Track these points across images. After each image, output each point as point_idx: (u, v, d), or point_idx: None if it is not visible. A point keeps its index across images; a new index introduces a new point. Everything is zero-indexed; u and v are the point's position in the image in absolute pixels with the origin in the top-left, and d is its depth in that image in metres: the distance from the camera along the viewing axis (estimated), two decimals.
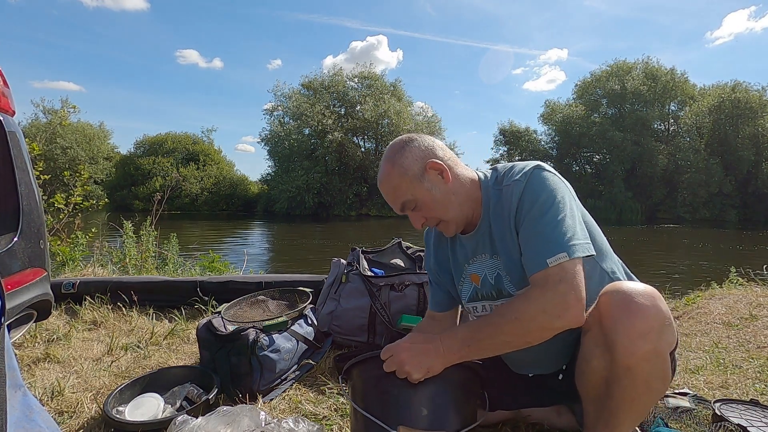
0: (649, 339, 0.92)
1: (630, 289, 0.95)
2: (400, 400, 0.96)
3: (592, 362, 1.02)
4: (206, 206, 31.12)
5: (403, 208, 1.10)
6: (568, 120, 32.76)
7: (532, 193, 1.00)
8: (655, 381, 0.96)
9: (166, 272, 3.88)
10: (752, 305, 2.70)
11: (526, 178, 1.02)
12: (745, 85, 30.22)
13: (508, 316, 0.94)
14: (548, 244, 0.95)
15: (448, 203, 1.08)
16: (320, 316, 2.04)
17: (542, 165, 1.05)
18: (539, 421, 1.35)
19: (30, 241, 1.68)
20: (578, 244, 0.95)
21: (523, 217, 1.01)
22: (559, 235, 0.95)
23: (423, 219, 1.10)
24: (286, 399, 1.56)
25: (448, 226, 1.12)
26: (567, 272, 0.93)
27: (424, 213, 1.09)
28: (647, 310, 0.92)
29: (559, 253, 0.94)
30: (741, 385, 1.68)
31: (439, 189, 1.07)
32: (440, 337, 0.98)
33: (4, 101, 1.64)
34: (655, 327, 0.92)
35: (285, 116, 31.32)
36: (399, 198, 1.08)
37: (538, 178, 1.01)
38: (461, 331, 0.99)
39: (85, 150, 31.89)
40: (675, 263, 10.94)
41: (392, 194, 1.09)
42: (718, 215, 28.68)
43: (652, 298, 0.94)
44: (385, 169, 1.09)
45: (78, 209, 4.23)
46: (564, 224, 0.96)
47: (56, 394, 1.53)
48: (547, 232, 0.96)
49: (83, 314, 2.43)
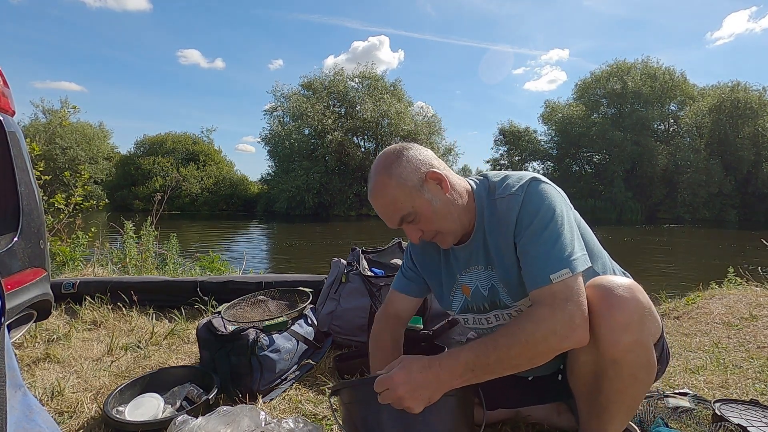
0: (631, 330, 0.93)
1: (610, 283, 0.97)
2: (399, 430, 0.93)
3: (580, 358, 1.03)
4: (206, 206, 31.13)
5: (401, 222, 1.04)
6: (568, 120, 32.75)
7: (531, 207, 0.99)
8: (640, 371, 0.98)
9: (166, 272, 3.88)
10: (752, 305, 2.70)
11: (523, 191, 1.01)
12: (745, 85, 30.19)
13: (518, 338, 0.91)
14: (550, 260, 0.95)
15: (447, 214, 1.04)
16: (320, 316, 2.04)
17: (538, 177, 1.03)
18: (539, 421, 1.35)
19: (30, 241, 1.68)
20: (578, 258, 0.96)
21: (522, 231, 0.99)
22: (561, 251, 0.95)
23: (420, 232, 1.05)
24: (286, 399, 1.56)
25: (446, 237, 1.08)
26: (572, 290, 0.93)
27: (422, 226, 1.05)
28: (627, 302, 0.94)
29: (562, 269, 0.93)
30: (741, 385, 1.68)
31: (439, 200, 1.03)
32: (439, 363, 0.92)
33: (4, 101, 1.64)
34: (636, 318, 0.94)
35: (285, 116, 31.35)
36: (398, 212, 1.02)
37: (535, 192, 1.00)
38: (463, 355, 0.92)
39: (85, 150, 31.90)
40: (675, 263, 10.95)
41: (390, 207, 1.02)
42: (718, 215, 28.67)
43: (630, 290, 0.95)
44: (379, 181, 1.03)
45: (78, 209, 4.23)
46: (564, 239, 0.97)
47: (56, 394, 1.53)
48: (548, 247, 0.96)
49: (83, 314, 2.43)
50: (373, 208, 1.06)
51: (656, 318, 1.01)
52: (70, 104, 31.64)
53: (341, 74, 32.01)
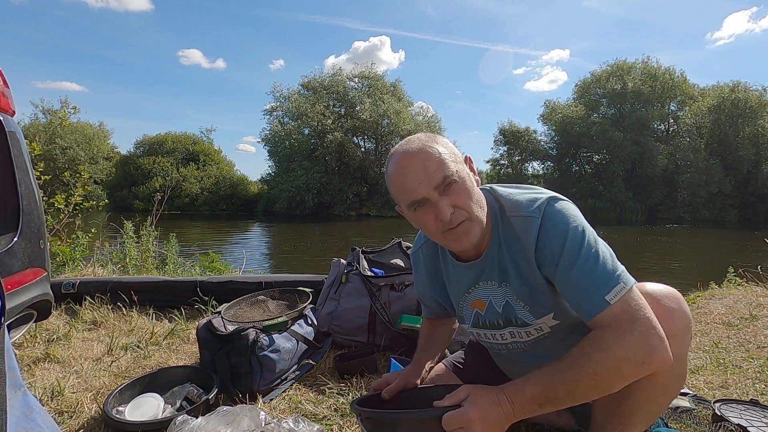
0: (676, 342, 0.90)
1: (655, 292, 0.93)
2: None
3: None
4: (206, 206, 31.09)
5: (442, 183, 0.91)
6: (568, 120, 32.71)
7: (557, 232, 0.92)
8: (673, 382, 0.96)
9: (166, 272, 3.88)
10: (752, 305, 2.70)
11: (540, 213, 0.95)
12: (745, 85, 30.19)
13: (586, 371, 0.84)
14: (599, 281, 0.88)
15: (480, 199, 0.97)
16: (320, 316, 2.04)
17: (556, 196, 0.98)
18: (539, 421, 1.35)
19: (30, 241, 1.68)
20: (623, 273, 0.89)
21: (555, 260, 0.92)
22: (605, 268, 0.89)
23: (452, 209, 0.92)
24: (286, 399, 1.56)
25: (473, 227, 0.95)
26: (636, 307, 0.86)
27: (457, 199, 0.93)
28: (675, 313, 0.91)
29: (615, 285, 0.87)
30: (741, 385, 1.68)
31: (474, 182, 0.97)
32: (507, 397, 0.87)
33: (4, 101, 1.64)
34: (681, 329, 0.92)
35: (285, 116, 31.32)
36: (442, 170, 0.91)
37: (555, 213, 0.94)
38: (529, 389, 0.87)
39: (85, 150, 31.87)
40: (675, 263, 10.95)
41: (436, 164, 0.91)
42: (718, 215, 28.66)
43: (678, 300, 0.93)
44: (426, 142, 0.95)
45: (78, 209, 4.23)
46: (604, 256, 0.90)
47: (56, 394, 1.53)
48: (591, 268, 0.89)
49: (83, 314, 2.43)
50: (406, 171, 0.93)
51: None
52: (71, 104, 31.59)
53: (340, 74, 32.01)
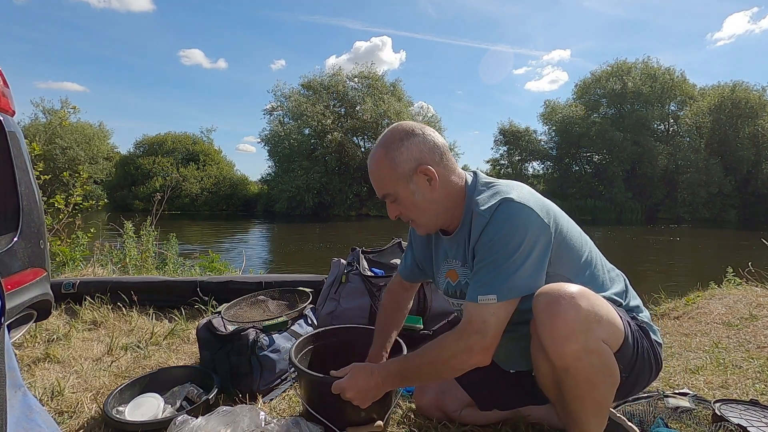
0: (575, 338, 0.94)
1: (554, 292, 0.97)
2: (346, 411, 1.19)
3: (540, 368, 1.05)
4: (206, 206, 31.06)
5: (383, 197, 1.13)
6: (568, 120, 32.68)
7: (491, 229, 1.02)
8: (596, 376, 0.98)
9: (166, 272, 3.88)
10: (752, 305, 2.70)
11: (490, 215, 1.03)
12: (745, 85, 30.14)
13: (428, 358, 1.08)
14: (485, 281, 1.01)
15: (426, 210, 1.12)
16: (320, 316, 2.04)
17: (511, 198, 1.03)
18: (539, 421, 1.35)
19: (30, 241, 1.68)
20: (515, 287, 1.00)
21: (479, 249, 1.05)
22: (500, 278, 0.99)
23: (398, 212, 1.14)
24: (286, 399, 1.56)
25: (418, 228, 1.17)
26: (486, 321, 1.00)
27: (400, 209, 1.13)
28: (567, 311, 0.94)
29: (489, 293, 1.00)
30: (741, 385, 1.68)
31: (423, 195, 1.09)
32: (378, 372, 1.12)
33: (4, 101, 1.64)
34: (578, 327, 0.94)
35: (285, 116, 31.31)
36: (382, 188, 1.12)
37: (502, 216, 1.02)
38: (393, 366, 1.14)
39: (85, 150, 31.81)
40: (675, 263, 10.94)
41: (377, 182, 1.12)
42: (718, 215, 28.62)
43: (572, 298, 0.95)
44: (377, 154, 1.10)
45: (78, 209, 4.23)
46: (516, 270, 0.99)
47: (56, 394, 1.53)
48: (489, 269, 1.01)
49: (83, 314, 2.43)
50: (369, 173, 1.14)
51: (611, 322, 0.99)
52: (71, 104, 31.65)
53: (340, 74, 31.98)
